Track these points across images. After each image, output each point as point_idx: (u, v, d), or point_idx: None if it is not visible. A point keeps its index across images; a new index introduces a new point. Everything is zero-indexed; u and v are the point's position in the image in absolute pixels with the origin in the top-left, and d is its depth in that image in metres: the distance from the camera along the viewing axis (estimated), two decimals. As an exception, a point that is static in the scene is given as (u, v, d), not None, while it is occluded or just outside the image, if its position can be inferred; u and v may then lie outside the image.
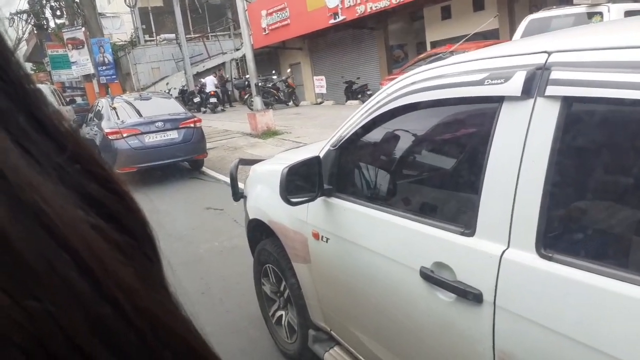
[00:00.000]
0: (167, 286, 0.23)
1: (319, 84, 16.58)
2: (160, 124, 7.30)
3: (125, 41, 24.22)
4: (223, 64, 22.41)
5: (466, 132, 1.38)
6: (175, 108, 8.10)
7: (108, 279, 0.18)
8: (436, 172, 1.46)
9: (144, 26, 24.74)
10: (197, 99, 18.75)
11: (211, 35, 25.22)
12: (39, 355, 0.16)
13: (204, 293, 3.69)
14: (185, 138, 7.46)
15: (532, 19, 6.14)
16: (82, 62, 15.31)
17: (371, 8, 13.99)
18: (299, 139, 9.32)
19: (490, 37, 11.96)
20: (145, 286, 0.20)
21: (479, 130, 1.35)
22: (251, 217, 2.68)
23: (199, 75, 21.24)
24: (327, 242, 1.92)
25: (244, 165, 3.01)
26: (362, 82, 16.01)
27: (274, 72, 18.47)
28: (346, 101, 15.98)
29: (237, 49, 22.57)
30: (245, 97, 17.10)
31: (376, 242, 1.62)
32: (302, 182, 1.88)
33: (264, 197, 2.53)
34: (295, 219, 2.17)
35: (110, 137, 7.12)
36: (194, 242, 4.76)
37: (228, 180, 7.44)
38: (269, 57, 20.01)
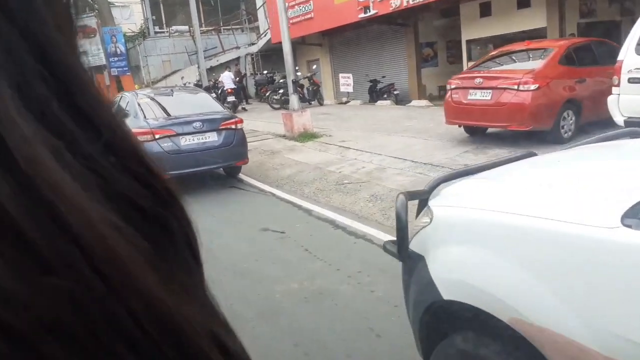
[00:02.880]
0: (206, 297, 0.22)
1: (345, 82, 15.50)
2: (198, 124, 6.20)
3: (135, 32, 23.09)
4: (237, 58, 21.31)
5: None
6: (210, 105, 7.04)
7: (124, 282, 0.17)
8: None
9: (154, 17, 23.65)
10: (212, 95, 17.50)
11: (224, 29, 24.12)
12: (58, 332, 0.16)
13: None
14: (226, 141, 6.35)
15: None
16: (93, 52, 14.22)
17: (408, 2, 12.95)
18: (344, 143, 8.27)
19: (536, 36, 10.98)
20: (172, 295, 0.19)
21: None
22: (446, 297, 1.65)
23: (212, 69, 20.12)
24: None
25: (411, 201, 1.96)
26: (387, 82, 15.00)
27: (297, 68, 17.40)
28: (370, 101, 14.96)
29: (253, 43, 21.50)
30: (267, 94, 15.99)
31: None
32: None
33: (492, 273, 1.51)
34: (613, 337, 1.16)
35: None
36: (263, 282, 3.69)
37: (273, 190, 6.40)
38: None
